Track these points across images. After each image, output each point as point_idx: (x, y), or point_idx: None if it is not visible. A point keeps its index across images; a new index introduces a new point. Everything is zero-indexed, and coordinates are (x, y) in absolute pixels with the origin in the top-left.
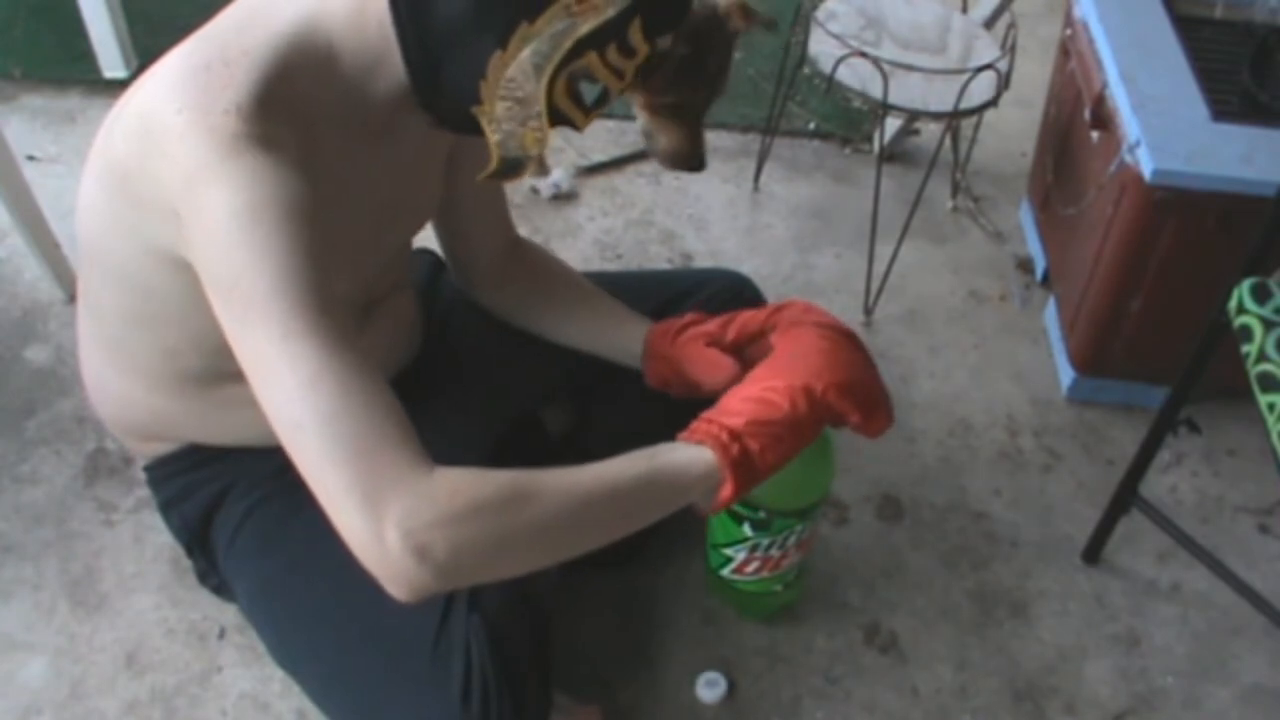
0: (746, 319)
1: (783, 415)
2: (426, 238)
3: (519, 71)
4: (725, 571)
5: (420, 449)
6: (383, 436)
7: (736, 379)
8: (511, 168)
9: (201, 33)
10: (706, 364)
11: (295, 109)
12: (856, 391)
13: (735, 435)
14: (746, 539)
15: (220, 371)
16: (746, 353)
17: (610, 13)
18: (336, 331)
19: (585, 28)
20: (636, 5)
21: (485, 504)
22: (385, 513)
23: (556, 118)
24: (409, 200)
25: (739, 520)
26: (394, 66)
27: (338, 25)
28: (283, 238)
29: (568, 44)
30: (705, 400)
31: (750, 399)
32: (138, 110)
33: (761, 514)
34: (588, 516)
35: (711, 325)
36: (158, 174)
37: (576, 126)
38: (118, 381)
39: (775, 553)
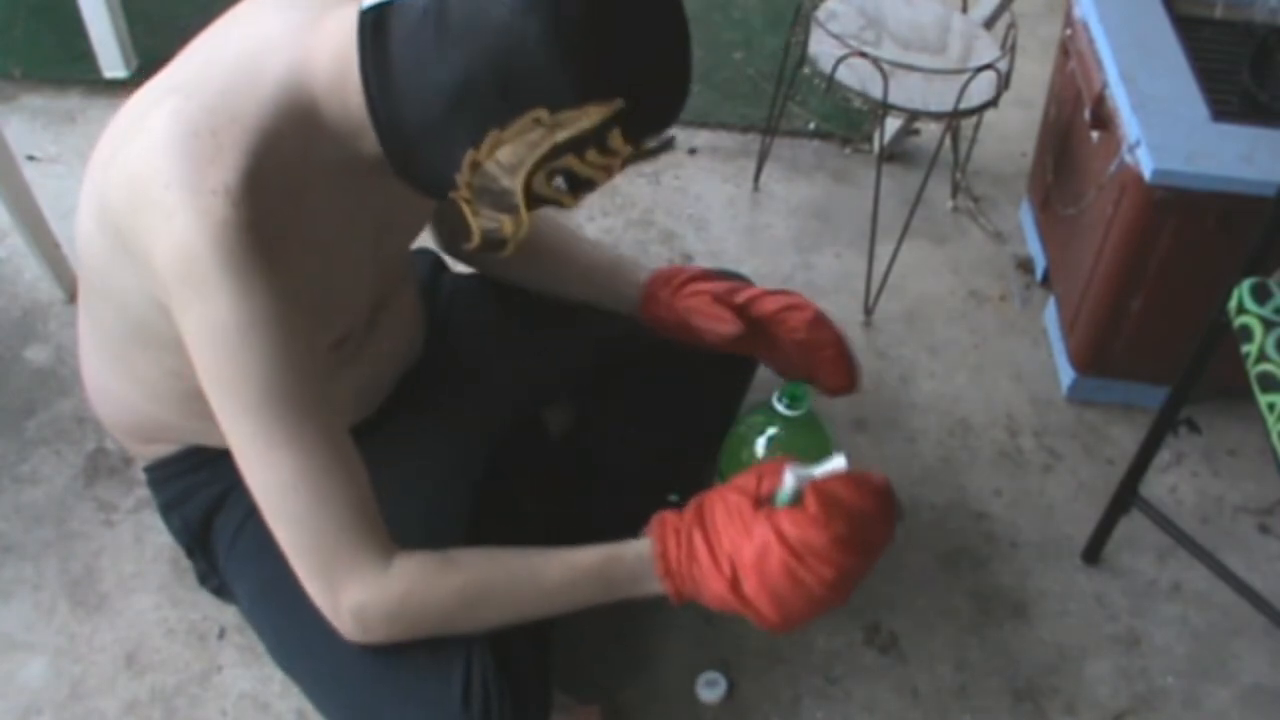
0: (757, 298)
1: (734, 611)
2: (425, 238)
3: (494, 169)
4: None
5: (382, 541)
6: (346, 535)
7: (738, 335)
8: (494, 246)
9: (187, 82)
10: (711, 316)
11: (283, 181)
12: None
13: (694, 587)
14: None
15: None
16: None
17: (586, 124)
18: (315, 436)
19: (561, 136)
20: (615, 117)
21: (433, 610)
22: (340, 600)
23: (539, 203)
24: (405, 216)
25: (758, 432)
26: (374, 136)
27: (321, 88)
28: (269, 355)
29: (543, 149)
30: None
31: (726, 607)
32: (127, 168)
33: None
34: (526, 619)
35: (719, 286)
36: (149, 246)
37: (564, 207)
38: (119, 388)
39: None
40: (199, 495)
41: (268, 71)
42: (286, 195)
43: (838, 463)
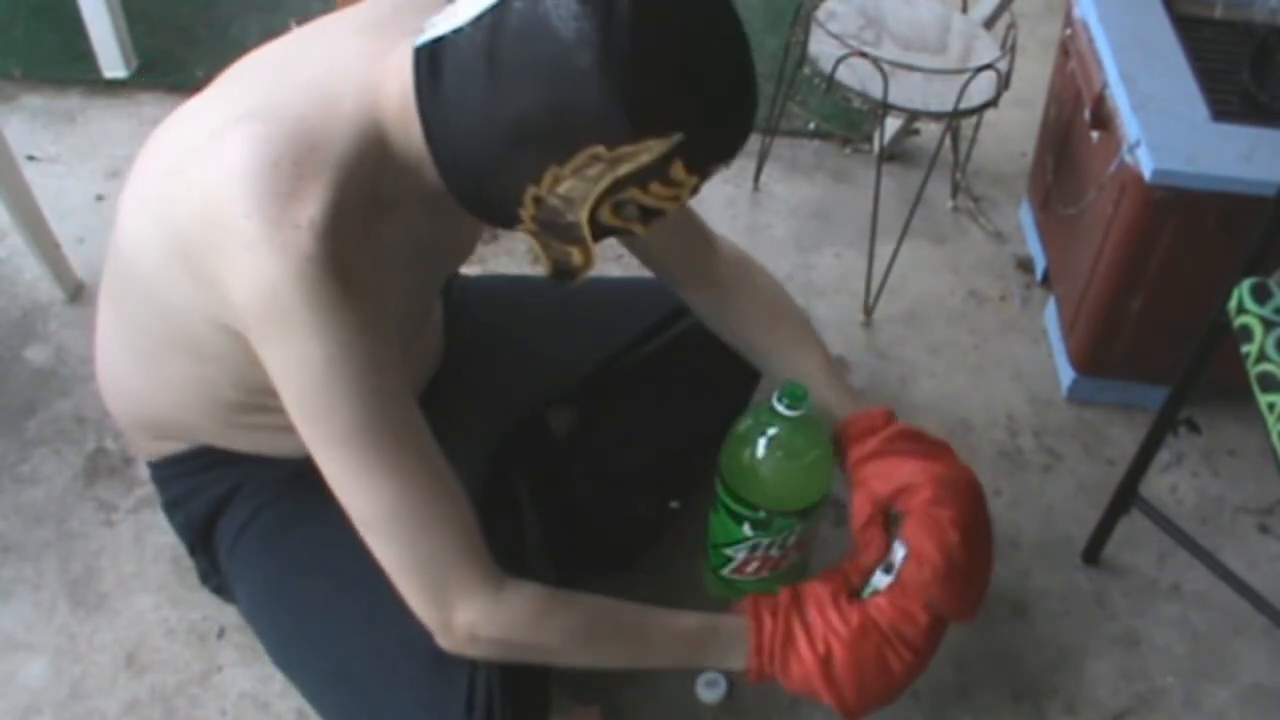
0: (919, 507)
1: (812, 693)
2: None
3: (557, 202)
4: (725, 571)
5: (489, 563)
6: (454, 557)
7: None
8: (565, 276)
9: (262, 107)
10: (864, 537)
11: (361, 213)
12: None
13: (781, 666)
14: (746, 539)
15: (256, 405)
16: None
17: (646, 159)
18: (413, 463)
19: (622, 170)
20: (675, 150)
21: (537, 643)
22: (453, 616)
23: (606, 233)
24: (455, 244)
25: (739, 520)
26: (435, 170)
27: (389, 120)
28: (358, 387)
29: (605, 184)
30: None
31: (808, 689)
32: (203, 191)
33: (762, 514)
34: (615, 668)
35: (889, 486)
36: (223, 275)
37: (634, 234)
38: (142, 386)
39: (775, 552)
40: (204, 494)
41: (344, 100)
42: (364, 226)
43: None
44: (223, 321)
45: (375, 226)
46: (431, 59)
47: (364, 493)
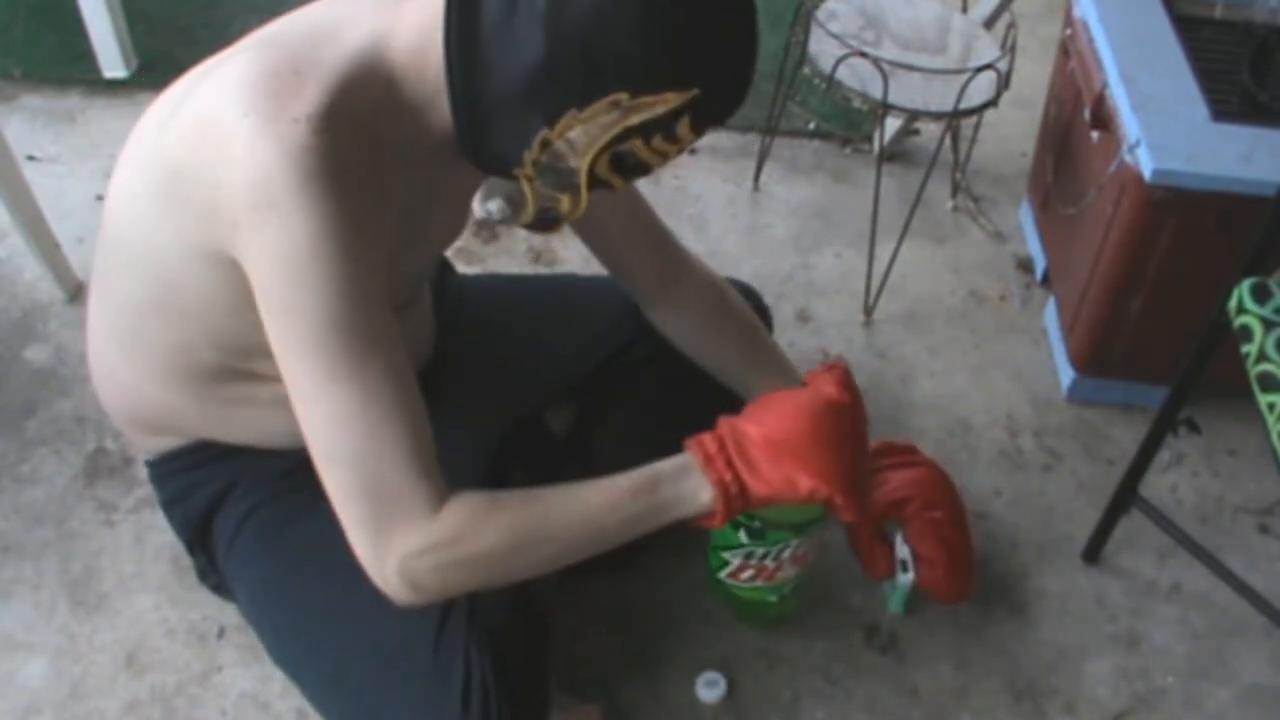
0: (912, 518)
1: (791, 498)
2: None
3: (564, 148)
4: (722, 574)
5: (436, 484)
6: (401, 477)
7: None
8: (547, 222)
9: (263, 38)
10: (871, 555)
11: (359, 126)
12: (857, 499)
13: (744, 492)
14: (742, 545)
15: (232, 369)
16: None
17: (661, 110)
18: (379, 372)
19: (634, 120)
20: (688, 105)
21: (481, 553)
22: (388, 549)
23: (595, 184)
24: (449, 219)
25: (735, 526)
26: (446, 110)
27: (400, 57)
28: (339, 277)
29: (615, 131)
30: (719, 399)
31: (777, 475)
32: (197, 110)
33: (756, 523)
34: (576, 553)
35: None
36: (217, 177)
37: (614, 189)
38: (127, 372)
39: (770, 563)
40: (201, 491)
41: (349, 35)
42: (361, 142)
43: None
44: (208, 245)
45: (375, 154)
46: None
47: (321, 397)
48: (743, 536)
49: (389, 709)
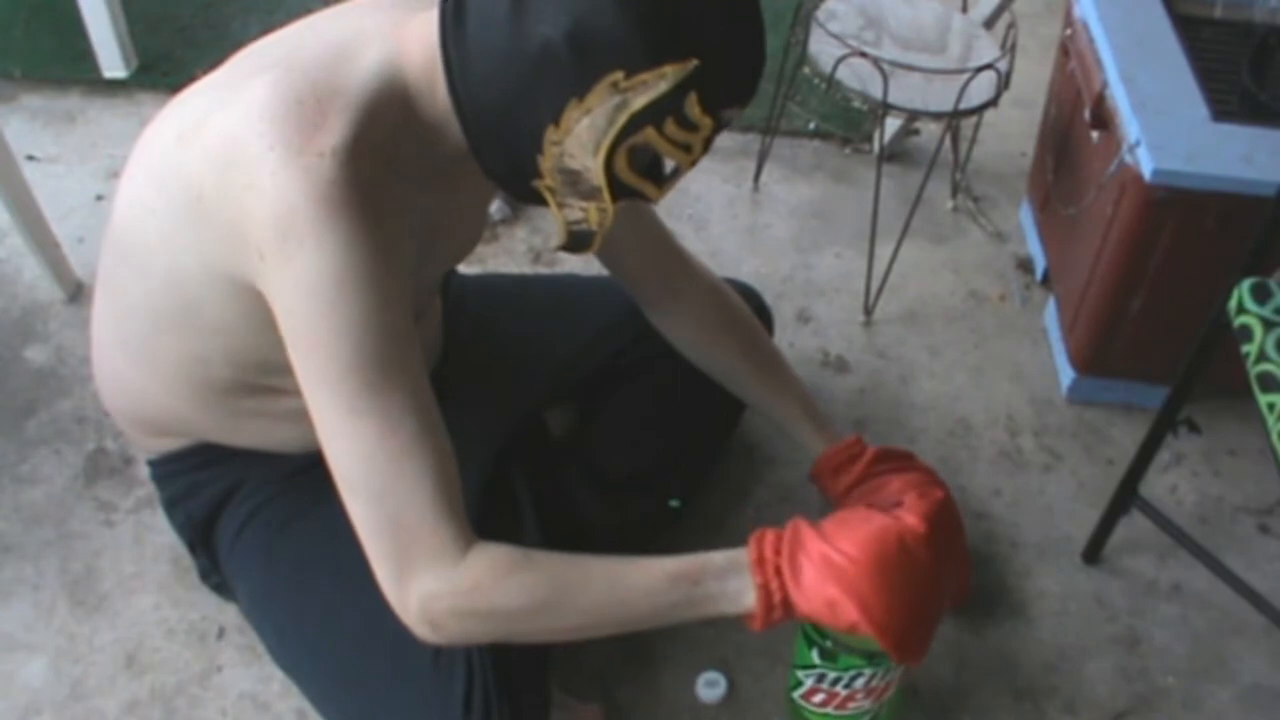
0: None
1: (831, 623)
2: None
3: (575, 146)
4: (796, 694)
5: (460, 528)
6: (424, 515)
7: None
8: (580, 242)
9: (279, 58)
10: None
11: (382, 154)
12: (898, 634)
13: (787, 602)
14: (815, 665)
15: (249, 384)
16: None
17: (662, 87)
18: (401, 406)
19: (638, 103)
20: (689, 80)
21: (500, 608)
22: (410, 587)
23: (621, 191)
24: (465, 232)
25: (810, 644)
26: (458, 128)
27: (413, 76)
28: (365, 311)
29: (622, 119)
30: (719, 400)
31: (819, 596)
32: (222, 133)
33: (828, 643)
34: (602, 628)
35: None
36: (243, 207)
37: (648, 198)
38: (134, 377)
39: (841, 690)
40: (204, 492)
41: (365, 56)
42: (384, 170)
43: None
44: (230, 271)
45: (398, 178)
46: (457, 5)
47: (346, 432)
48: (815, 656)
49: (390, 709)
